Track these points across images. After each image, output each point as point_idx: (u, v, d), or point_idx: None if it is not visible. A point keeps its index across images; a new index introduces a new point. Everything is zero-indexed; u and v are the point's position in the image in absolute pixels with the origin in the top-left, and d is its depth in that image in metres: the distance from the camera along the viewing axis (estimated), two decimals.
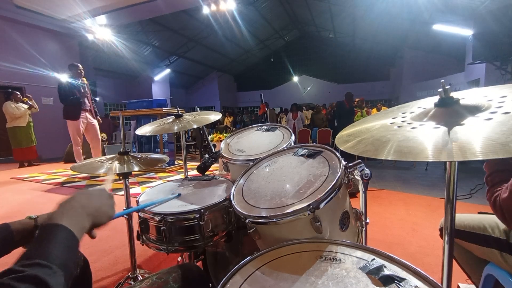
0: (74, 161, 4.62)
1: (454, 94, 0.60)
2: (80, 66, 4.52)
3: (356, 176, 0.83)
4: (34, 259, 0.38)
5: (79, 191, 0.57)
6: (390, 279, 0.50)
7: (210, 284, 0.81)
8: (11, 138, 5.58)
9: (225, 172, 1.35)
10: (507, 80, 5.65)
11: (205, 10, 7.79)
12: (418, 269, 0.52)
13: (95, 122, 4.67)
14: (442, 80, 0.62)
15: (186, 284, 0.70)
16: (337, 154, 0.87)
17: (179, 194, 1.13)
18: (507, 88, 0.60)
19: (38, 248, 0.41)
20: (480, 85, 7.32)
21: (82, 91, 4.45)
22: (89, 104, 4.58)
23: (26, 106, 5.63)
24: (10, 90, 5.63)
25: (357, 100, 7.88)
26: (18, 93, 5.61)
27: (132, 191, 3.32)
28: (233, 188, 0.92)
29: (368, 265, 0.55)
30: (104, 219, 0.56)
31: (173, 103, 10.53)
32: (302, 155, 0.95)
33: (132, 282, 1.37)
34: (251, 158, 1.12)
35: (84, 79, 4.54)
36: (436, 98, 0.61)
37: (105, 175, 0.93)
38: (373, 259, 0.57)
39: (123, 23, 8.46)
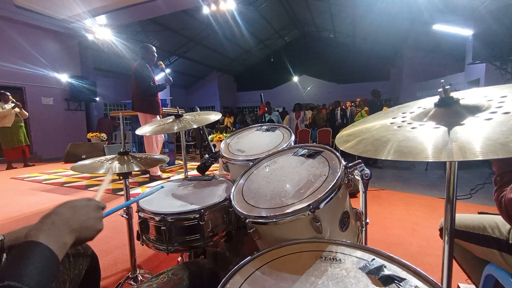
0: (74, 161, 4.54)
1: (454, 94, 0.60)
2: (154, 48, 3.80)
3: (356, 176, 0.83)
4: (5, 280, 0.35)
5: (63, 203, 0.51)
6: (390, 279, 0.50)
7: None
8: (1, 138, 5.49)
9: (225, 172, 1.35)
10: (507, 80, 5.64)
11: (205, 10, 7.78)
12: (418, 269, 0.52)
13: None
14: (442, 80, 0.62)
15: (199, 281, 0.71)
16: (337, 154, 0.87)
17: (162, 187, 1.11)
18: (507, 88, 0.60)
19: (10, 269, 0.37)
20: (480, 85, 7.31)
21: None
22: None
23: (12, 105, 5.44)
24: (2, 91, 5.48)
25: (358, 100, 7.90)
26: (8, 93, 5.45)
27: (132, 191, 3.32)
28: (233, 188, 0.92)
29: (368, 265, 0.55)
30: (90, 234, 0.50)
31: (173, 103, 10.51)
32: (302, 155, 0.95)
33: (132, 283, 1.37)
34: (251, 158, 1.12)
35: (162, 63, 3.77)
36: (436, 98, 0.61)
37: (104, 175, 0.91)
38: (373, 259, 0.57)
39: (123, 23, 8.45)
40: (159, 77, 3.61)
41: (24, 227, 0.62)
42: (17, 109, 5.49)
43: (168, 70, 13.30)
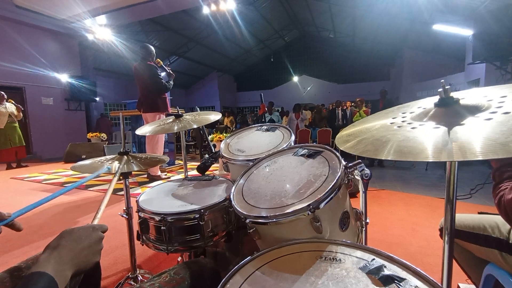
0: (74, 161, 4.50)
1: (454, 94, 0.60)
2: (152, 48, 3.83)
3: (356, 176, 0.83)
4: None
5: (68, 232, 0.53)
6: (390, 279, 0.50)
7: None
8: None
9: (225, 172, 1.35)
10: (507, 80, 5.64)
11: (205, 10, 7.78)
12: (418, 269, 0.52)
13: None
14: (442, 80, 0.62)
15: (201, 280, 0.72)
16: (337, 154, 0.87)
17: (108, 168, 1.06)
18: (507, 88, 0.60)
19: None
20: (480, 85, 7.31)
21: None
22: None
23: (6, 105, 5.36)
24: None
25: (357, 99, 7.90)
26: (3, 93, 5.33)
27: (132, 191, 3.32)
28: (233, 188, 0.92)
29: (368, 265, 0.55)
30: (86, 268, 0.52)
31: (173, 103, 10.52)
32: (302, 155, 0.95)
33: (132, 283, 1.37)
34: (251, 158, 1.13)
35: (160, 61, 3.78)
36: (436, 98, 0.61)
37: (105, 175, 0.91)
38: (373, 259, 0.57)
39: (123, 23, 8.45)
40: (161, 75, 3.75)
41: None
42: (15, 111, 5.45)
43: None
